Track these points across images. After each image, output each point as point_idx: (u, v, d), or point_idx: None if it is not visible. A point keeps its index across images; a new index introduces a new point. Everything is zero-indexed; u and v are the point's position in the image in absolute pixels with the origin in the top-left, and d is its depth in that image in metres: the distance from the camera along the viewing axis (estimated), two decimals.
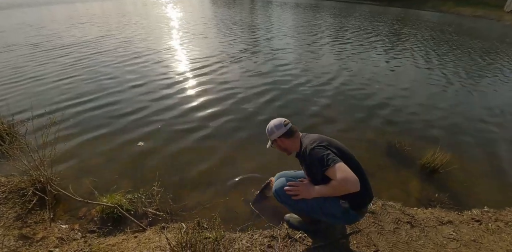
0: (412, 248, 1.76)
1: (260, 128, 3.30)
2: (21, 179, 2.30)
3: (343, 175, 1.28)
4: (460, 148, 3.21)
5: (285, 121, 1.63)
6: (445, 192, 2.46)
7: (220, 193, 2.39)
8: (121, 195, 2.20)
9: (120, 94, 4.57)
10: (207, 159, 2.89)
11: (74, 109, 4.01)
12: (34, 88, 4.81)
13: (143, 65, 6.19)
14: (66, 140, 3.17)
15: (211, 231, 1.72)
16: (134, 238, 1.84)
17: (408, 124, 3.80)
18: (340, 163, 1.33)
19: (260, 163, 2.78)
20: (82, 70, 5.78)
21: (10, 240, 1.81)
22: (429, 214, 2.15)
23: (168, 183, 2.47)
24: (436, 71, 6.36)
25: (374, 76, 5.84)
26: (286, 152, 1.70)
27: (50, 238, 1.88)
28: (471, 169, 2.86)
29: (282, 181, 1.57)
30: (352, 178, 1.27)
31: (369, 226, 1.90)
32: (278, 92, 4.67)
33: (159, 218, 2.10)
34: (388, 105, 4.41)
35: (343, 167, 1.31)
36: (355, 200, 1.47)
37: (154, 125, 3.58)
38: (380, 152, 3.10)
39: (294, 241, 1.74)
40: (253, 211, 2.13)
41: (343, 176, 1.27)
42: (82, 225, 2.03)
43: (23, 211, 2.08)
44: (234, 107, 4.11)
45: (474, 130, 3.73)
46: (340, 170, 1.30)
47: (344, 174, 1.28)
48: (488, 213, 2.22)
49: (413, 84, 5.49)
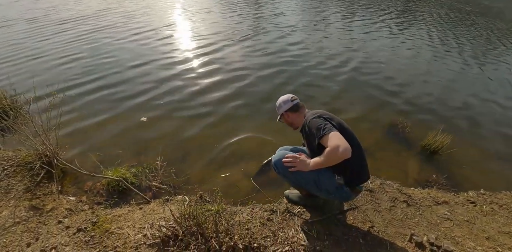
0: (407, 225, 1.82)
1: (264, 108, 3.43)
2: (28, 153, 2.36)
3: (335, 142, 1.29)
4: (463, 132, 3.20)
5: (293, 97, 1.74)
6: (443, 173, 2.50)
7: (222, 168, 2.46)
8: (126, 169, 2.27)
9: (122, 72, 4.54)
10: (210, 135, 2.94)
11: (77, 86, 4.02)
12: (34, 66, 4.78)
13: (144, 42, 6.04)
14: (69, 115, 3.21)
15: (213, 204, 1.79)
16: (139, 210, 1.92)
17: (414, 105, 3.74)
18: (335, 132, 1.35)
19: (263, 140, 2.82)
20: (82, 48, 5.67)
21: (21, 210, 1.90)
22: (426, 194, 2.19)
23: (171, 158, 2.54)
24: (452, 53, 6.03)
25: (387, 56, 5.64)
26: (292, 126, 1.78)
27: (59, 209, 1.97)
28: (471, 152, 2.87)
29: (281, 154, 1.59)
30: (344, 145, 1.28)
31: (366, 204, 1.96)
32: (288, 75, 4.49)
33: (163, 191, 2.18)
34: (397, 85, 4.31)
35: (337, 135, 1.33)
36: (350, 176, 1.51)
37: (157, 101, 3.61)
38: (382, 132, 3.11)
39: (293, 215, 1.81)
40: (254, 186, 2.20)
41: (335, 143, 1.29)
42: (89, 197, 2.12)
43: (31, 183, 2.15)
44: (240, 90, 4.01)
45: (481, 114, 3.66)
46: (334, 137, 1.32)
47: (336, 141, 1.30)
48: (484, 196, 2.26)
49: (427, 66, 5.27)
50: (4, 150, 2.56)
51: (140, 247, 1.57)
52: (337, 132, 1.35)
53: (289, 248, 1.55)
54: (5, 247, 1.62)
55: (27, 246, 1.63)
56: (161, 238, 1.57)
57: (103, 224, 1.75)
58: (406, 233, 1.72)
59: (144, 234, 1.64)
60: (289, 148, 1.81)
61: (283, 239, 1.61)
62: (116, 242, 1.61)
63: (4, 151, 2.54)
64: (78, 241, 1.64)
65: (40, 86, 3.44)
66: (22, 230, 1.75)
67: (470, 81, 4.71)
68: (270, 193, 2.11)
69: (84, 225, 1.75)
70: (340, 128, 1.44)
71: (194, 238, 1.50)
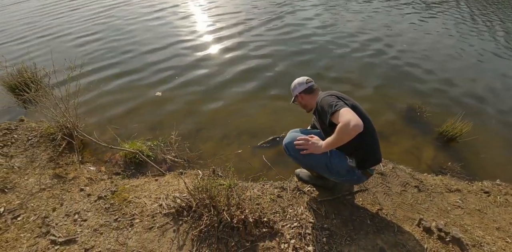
0: (416, 210, 1.82)
1: (278, 85, 3.40)
2: (49, 125, 2.46)
3: (347, 117, 1.26)
4: (485, 120, 3.05)
5: (308, 79, 1.75)
6: (459, 161, 2.44)
7: (235, 144, 2.51)
8: (142, 142, 2.35)
9: (139, 50, 4.55)
10: (223, 111, 2.97)
11: (94, 63, 4.10)
12: (51, 44, 4.83)
13: (162, 21, 5.94)
14: (88, 90, 3.29)
15: (225, 179, 1.85)
16: (155, 181, 2.01)
17: (434, 89, 3.58)
18: (346, 108, 1.32)
19: (276, 120, 2.83)
20: (98, 25, 5.68)
21: (46, 178, 2.03)
22: (439, 181, 2.16)
23: (185, 133, 2.60)
24: (483, 36, 5.58)
25: (412, 36, 5.33)
26: (306, 108, 1.79)
27: (81, 178, 2.09)
28: (491, 141, 2.75)
29: (293, 136, 1.59)
30: (355, 119, 1.24)
31: (376, 186, 1.97)
32: (318, 63, 4.23)
33: (177, 165, 2.26)
34: (416, 66, 4.11)
35: (349, 110, 1.31)
36: (363, 158, 1.50)
37: (172, 77, 3.65)
38: (399, 115, 3.03)
39: (303, 193, 1.85)
40: (265, 163, 2.24)
41: (346, 118, 1.26)
42: (108, 168, 2.22)
43: (54, 153, 2.27)
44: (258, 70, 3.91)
45: (506, 102, 3.46)
46: (345, 113, 1.29)
47: (347, 116, 1.27)
48: (499, 186, 2.20)
49: (454, 48, 4.92)
50: (27, 121, 2.68)
51: (156, 216, 1.66)
52: (348, 108, 1.33)
53: (297, 224, 1.60)
54: (33, 211, 1.75)
55: (53, 211, 1.75)
56: (176, 209, 1.65)
57: (121, 193, 1.85)
58: (415, 218, 1.72)
59: (160, 204, 1.73)
60: (300, 131, 1.80)
61: (292, 216, 1.66)
62: (134, 210, 1.71)
63: (28, 122, 2.66)
64: (99, 208, 1.76)
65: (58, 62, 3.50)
66: (47, 196, 1.88)
67: (503, 67, 4.38)
68: (281, 171, 2.15)
69: (104, 194, 1.85)
70: (352, 107, 1.41)
71: (207, 210, 1.56)
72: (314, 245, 1.49)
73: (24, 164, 2.14)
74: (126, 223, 1.62)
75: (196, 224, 1.56)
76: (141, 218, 1.65)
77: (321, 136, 1.57)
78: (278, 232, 1.55)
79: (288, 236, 1.54)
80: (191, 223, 1.58)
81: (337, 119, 1.31)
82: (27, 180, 2.00)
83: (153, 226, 1.60)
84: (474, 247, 1.59)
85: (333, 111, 1.34)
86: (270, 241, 1.51)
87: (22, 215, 1.72)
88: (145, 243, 1.50)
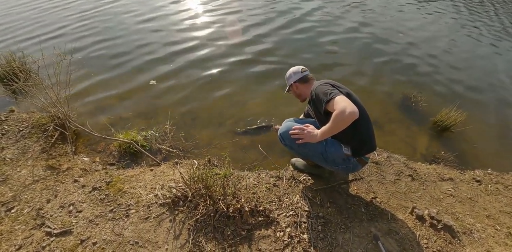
0: (409, 198, 1.85)
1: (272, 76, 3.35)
2: (41, 115, 2.41)
3: (342, 104, 1.26)
4: (479, 110, 3.08)
5: (303, 68, 1.75)
6: (452, 151, 2.46)
7: (230, 134, 2.49)
8: (136, 132, 2.32)
9: (130, 34, 4.45)
10: (219, 100, 2.94)
11: (85, 48, 4.00)
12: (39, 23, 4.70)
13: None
14: (79, 79, 3.22)
15: (221, 168, 1.84)
16: (150, 171, 2.00)
17: (430, 79, 3.58)
18: (341, 96, 1.32)
19: (270, 108, 2.81)
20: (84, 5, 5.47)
21: (39, 170, 2.00)
22: (432, 170, 2.20)
23: (180, 122, 2.58)
24: (476, 23, 5.60)
25: (401, 22, 5.32)
26: (300, 98, 1.79)
27: (75, 169, 2.06)
28: (485, 131, 2.79)
29: (288, 125, 1.57)
30: (350, 106, 1.24)
31: (371, 175, 1.99)
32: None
33: (172, 155, 2.24)
34: (412, 56, 4.08)
35: (344, 98, 1.30)
36: (358, 146, 1.52)
37: (166, 64, 3.59)
38: (394, 104, 3.03)
39: (298, 182, 1.86)
40: (261, 152, 2.24)
41: (341, 105, 1.26)
42: (102, 158, 2.20)
43: (47, 144, 2.23)
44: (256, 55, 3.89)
45: (501, 94, 3.47)
46: (340, 100, 1.29)
47: (343, 103, 1.26)
48: (491, 175, 2.25)
49: (446, 36, 4.93)
50: (18, 112, 2.62)
51: (152, 206, 1.66)
52: (343, 96, 1.32)
53: (293, 213, 1.62)
54: (27, 203, 1.73)
55: (47, 202, 1.73)
56: (172, 199, 1.65)
57: (116, 184, 1.84)
58: (408, 206, 1.76)
59: (155, 194, 1.72)
60: (295, 120, 1.79)
61: (288, 204, 1.68)
62: (129, 201, 1.70)
63: (18, 113, 2.59)
64: (93, 198, 1.74)
65: (46, 47, 3.42)
66: (41, 187, 1.85)
67: (498, 57, 4.39)
68: (276, 160, 2.15)
69: (99, 184, 1.84)
70: (347, 95, 1.41)
71: (202, 200, 1.57)
72: (309, 233, 1.51)
73: (16, 155, 2.10)
74: (122, 214, 1.62)
75: (192, 214, 1.57)
76: (136, 209, 1.65)
77: (316, 126, 1.56)
78: (274, 221, 1.57)
79: (283, 224, 1.55)
80: (187, 213, 1.58)
81: (332, 107, 1.31)
82: (19, 172, 1.97)
83: (149, 216, 1.60)
84: (465, 234, 1.63)
85: (328, 99, 1.33)
86: (266, 230, 1.52)
87: (16, 207, 1.70)
88: (141, 233, 1.51)
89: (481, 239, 1.63)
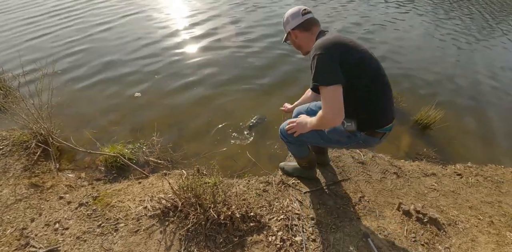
0: (395, 195, 1.91)
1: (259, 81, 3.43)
2: (22, 133, 2.34)
3: (327, 107, 1.12)
4: (455, 107, 3.22)
5: (304, 9, 1.33)
6: (433, 147, 2.57)
7: (218, 142, 2.50)
8: (122, 145, 2.29)
9: (113, 44, 4.45)
10: (205, 109, 2.94)
11: (66, 60, 3.95)
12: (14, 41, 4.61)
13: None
14: (61, 92, 3.15)
15: (210, 177, 1.84)
16: (138, 184, 1.97)
17: (407, 79, 3.71)
18: (334, 87, 1.10)
19: (258, 112, 2.85)
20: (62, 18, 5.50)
21: (22, 188, 1.93)
22: (415, 166, 2.28)
23: (167, 133, 2.56)
24: (445, 25, 5.92)
25: (376, 25, 5.54)
26: (301, 50, 1.45)
27: (59, 185, 2.00)
28: (462, 127, 2.92)
29: (285, 123, 1.56)
30: (334, 111, 1.10)
31: (358, 175, 2.04)
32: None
33: (161, 166, 2.22)
34: (387, 58, 4.24)
35: (334, 94, 1.10)
36: (366, 120, 1.28)
37: (150, 76, 3.58)
38: None
39: (288, 186, 1.88)
40: (250, 159, 2.25)
41: (326, 108, 1.12)
42: (88, 174, 2.15)
43: (29, 162, 2.16)
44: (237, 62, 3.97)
45: (474, 90, 3.67)
46: (328, 97, 1.11)
47: (329, 104, 1.11)
48: (471, 168, 2.35)
49: (418, 38, 5.18)
50: None
51: (142, 218, 1.63)
52: (337, 88, 1.10)
53: (284, 217, 1.63)
54: (9, 223, 1.66)
55: (31, 221, 1.67)
56: (161, 210, 1.63)
57: (104, 198, 1.80)
58: (395, 202, 1.81)
59: (144, 206, 1.70)
60: (305, 107, 1.78)
61: (278, 208, 1.69)
62: (118, 215, 1.67)
63: None
64: (80, 214, 1.70)
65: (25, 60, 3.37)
66: (24, 206, 1.78)
67: (472, 57, 4.63)
68: (265, 166, 2.17)
69: (85, 200, 1.79)
70: (358, 62, 1.18)
71: (193, 209, 1.56)
72: (301, 235, 1.53)
73: None
74: (111, 228, 1.58)
75: (183, 224, 1.55)
76: (125, 222, 1.62)
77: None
78: (265, 226, 1.57)
79: (275, 228, 1.56)
80: (178, 223, 1.57)
81: (320, 96, 1.16)
82: (0, 191, 1.89)
83: (138, 229, 1.57)
84: (450, 226, 1.69)
85: (320, 84, 1.13)
86: (258, 235, 1.53)
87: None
88: (132, 247, 1.48)
89: (466, 229, 1.69)
